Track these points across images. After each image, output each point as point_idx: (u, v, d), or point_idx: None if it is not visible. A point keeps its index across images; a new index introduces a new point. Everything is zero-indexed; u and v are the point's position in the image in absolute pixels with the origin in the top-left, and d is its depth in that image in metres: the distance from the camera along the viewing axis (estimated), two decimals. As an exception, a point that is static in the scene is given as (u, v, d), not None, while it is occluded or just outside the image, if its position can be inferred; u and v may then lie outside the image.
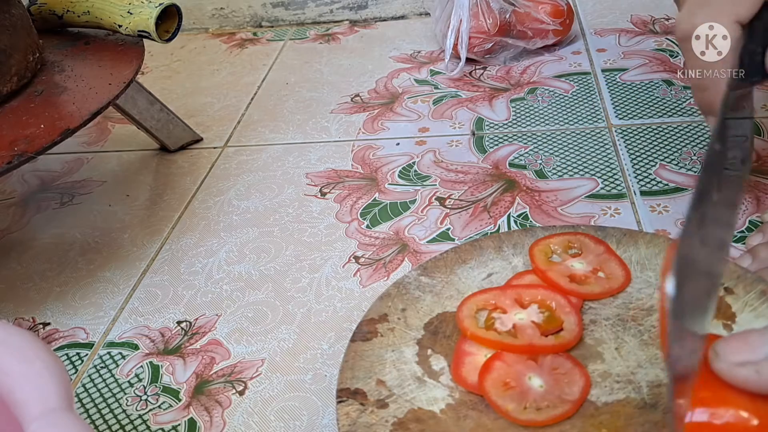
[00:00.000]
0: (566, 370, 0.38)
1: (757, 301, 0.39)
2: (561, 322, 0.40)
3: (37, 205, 0.70)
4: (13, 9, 0.57)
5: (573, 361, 0.38)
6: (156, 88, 0.73)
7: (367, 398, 0.37)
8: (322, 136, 0.74)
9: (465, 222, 0.58)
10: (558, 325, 0.40)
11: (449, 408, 0.37)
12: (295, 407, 0.44)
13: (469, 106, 0.75)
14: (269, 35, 1.02)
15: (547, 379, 0.37)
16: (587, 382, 0.37)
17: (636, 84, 0.74)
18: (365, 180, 0.65)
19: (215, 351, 0.49)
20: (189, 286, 0.56)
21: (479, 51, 0.81)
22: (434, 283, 0.45)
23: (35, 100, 0.57)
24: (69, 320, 0.54)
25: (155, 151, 0.76)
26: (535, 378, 0.37)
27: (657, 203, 0.57)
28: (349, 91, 0.83)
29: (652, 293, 0.42)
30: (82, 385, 0.48)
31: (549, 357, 0.38)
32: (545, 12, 0.80)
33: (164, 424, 0.45)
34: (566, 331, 0.39)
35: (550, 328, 0.40)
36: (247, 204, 0.65)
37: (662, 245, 0.45)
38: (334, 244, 0.58)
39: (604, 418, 0.35)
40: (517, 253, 0.47)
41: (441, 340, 0.41)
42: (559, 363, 0.38)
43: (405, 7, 1.01)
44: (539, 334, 0.39)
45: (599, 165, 0.62)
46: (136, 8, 0.62)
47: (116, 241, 0.62)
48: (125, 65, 0.61)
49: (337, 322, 0.50)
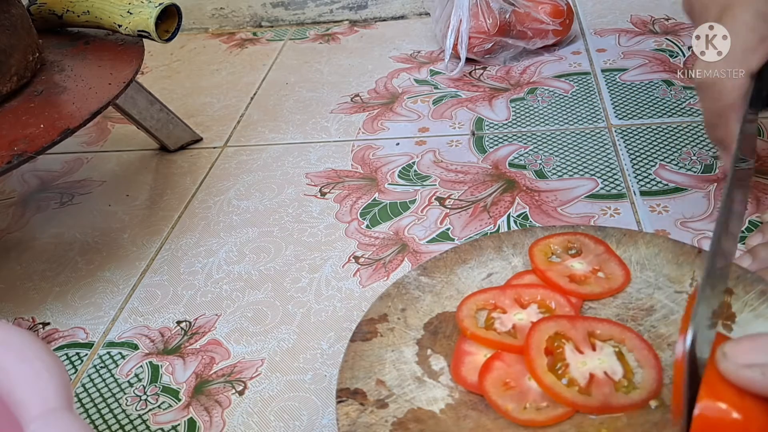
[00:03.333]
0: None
1: (757, 301, 0.39)
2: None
3: (36, 205, 0.70)
4: (12, 9, 0.57)
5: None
6: (156, 88, 0.73)
7: (367, 398, 0.37)
8: (321, 136, 0.74)
9: (465, 222, 0.58)
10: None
11: (449, 408, 0.37)
12: (294, 407, 0.44)
13: (469, 106, 0.75)
14: (269, 35, 1.02)
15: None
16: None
17: (636, 84, 0.74)
18: (365, 180, 0.65)
19: (215, 351, 0.49)
20: (189, 286, 0.56)
21: (479, 51, 0.81)
22: (434, 283, 0.45)
23: (35, 100, 0.57)
24: (69, 320, 0.54)
25: (155, 151, 0.76)
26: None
27: (657, 203, 0.57)
28: (349, 91, 0.83)
29: (651, 293, 0.42)
30: (81, 385, 0.48)
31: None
32: (545, 12, 0.80)
33: (164, 424, 0.45)
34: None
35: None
36: (246, 204, 0.65)
37: (662, 245, 0.45)
38: (333, 244, 0.58)
39: (604, 418, 0.35)
40: (516, 253, 0.47)
41: (441, 340, 0.41)
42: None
43: (405, 7, 1.01)
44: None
45: (599, 165, 0.62)
46: (136, 8, 0.62)
47: (116, 240, 0.62)
48: (125, 65, 0.61)
49: (336, 322, 0.50)
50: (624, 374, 0.36)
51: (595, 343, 0.38)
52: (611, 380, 0.36)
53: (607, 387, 0.36)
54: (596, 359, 0.37)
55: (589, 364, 0.37)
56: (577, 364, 0.37)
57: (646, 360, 0.37)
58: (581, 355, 0.37)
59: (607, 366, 0.37)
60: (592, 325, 0.39)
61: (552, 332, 0.38)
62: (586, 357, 0.37)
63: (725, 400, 0.27)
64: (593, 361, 0.37)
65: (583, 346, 0.38)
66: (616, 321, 0.40)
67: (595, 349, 0.38)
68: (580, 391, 0.35)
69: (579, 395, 0.35)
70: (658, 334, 0.39)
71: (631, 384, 0.36)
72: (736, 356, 0.27)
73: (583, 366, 0.37)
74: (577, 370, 0.36)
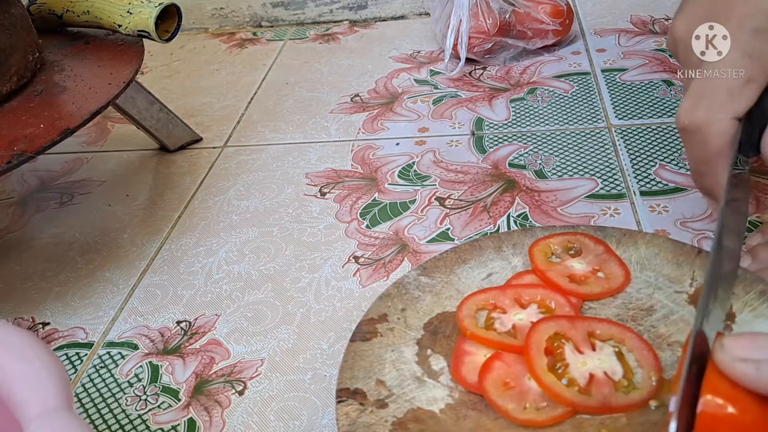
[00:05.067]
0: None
1: (757, 301, 0.39)
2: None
3: (36, 205, 0.70)
4: (12, 9, 0.57)
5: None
6: (156, 88, 0.73)
7: (367, 398, 0.37)
8: (321, 136, 0.74)
9: (465, 222, 0.58)
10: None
11: (449, 408, 0.37)
12: (294, 407, 0.44)
13: (469, 106, 0.75)
14: (269, 35, 1.02)
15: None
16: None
17: (636, 84, 0.74)
18: (365, 180, 0.65)
19: (215, 351, 0.49)
20: (188, 285, 0.56)
21: (479, 51, 0.81)
22: (434, 283, 0.45)
23: (35, 100, 0.57)
24: (68, 320, 0.54)
25: (155, 151, 0.76)
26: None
27: (657, 203, 0.57)
28: (349, 91, 0.83)
29: (651, 293, 0.42)
30: (81, 385, 0.48)
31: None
32: (545, 12, 0.80)
33: (164, 424, 0.45)
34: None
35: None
36: (246, 204, 0.65)
37: (662, 245, 0.45)
38: (333, 244, 0.58)
39: (604, 418, 0.35)
40: (516, 253, 0.47)
41: (441, 340, 0.41)
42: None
43: (405, 7, 1.01)
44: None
45: (599, 165, 0.62)
46: (136, 8, 0.62)
47: (116, 240, 0.62)
48: (125, 65, 0.61)
49: (336, 322, 0.50)
50: (624, 374, 0.36)
51: (595, 343, 0.38)
52: (611, 380, 0.36)
53: (607, 387, 0.36)
54: (596, 359, 0.37)
55: (589, 364, 0.37)
56: (577, 364, 0.37)
57: (646, 360, 0.37)
58: (581, 355, 0.37)
59: (607, 366, 0.37)
60: (591, 325, 0.39)
61: (552, 332, 0.38)
62: (585, 357, 0.37)
63: (722, 394, 0.27)
64: (593, 361, 0.37)
65: (582, 346, 0.38)
66: (615, 321, 0.40)
67: (595, 349, 0.38)
68: (579, 391, 0.35)
69: (579, 395, 0.35)
70: (657, 334, 0.39)
71: (631, 384, 0.36)
72: (733, 349, 0.27)
73: (583, 366, 0.37)
74: (577, 370, 0.36)
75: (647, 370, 0.36)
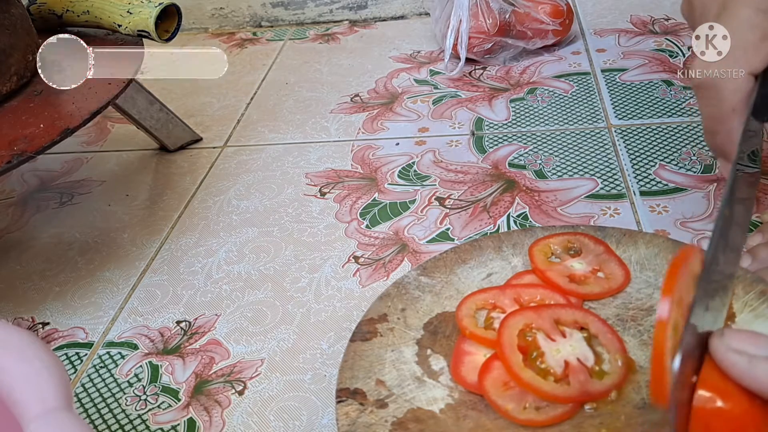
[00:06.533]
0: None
1: (757, 301, 0.39)
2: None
3: (36, 205, 0.70)
4: (12, 9, 0.57)
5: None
6: (156, 88, 0.73)
7: (367, 398, 0.37)
8: (321, 136, 0.74)
9: (464, 222, 0.58)
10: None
11: (449, 408, 0.37)
12: (294, 407, 0.44)
13: (469, 106, 0.75)
14: (269, 35, 1.02)
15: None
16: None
17: (636, 84, 0.74)
18: (365, 180, 0.65)
19: (215, 351, 0.49)
20: (188, 285, 0.56)
21: (479, 51, 0.81)
22: (434, 283, 0.45)
23: (35, 100, 0.57)
24: (68, 320, 0.54)
25: (155, 151, 0.76)
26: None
27: (656, 203, 0.57)
28: (349, 91, 0.83)
29: (651, 293, 0.42)
30: (81, 384, 0.48)
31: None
32: (545, 12, 0.80)
33: (163, 423, 0.45)
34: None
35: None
36: (246, 204, 0.65)
37: (662, 245, 0.45)
38: (333, 244, 0.58)
39: (604, 418, 0.35)
40: (516, 253, 0.47)
41: (440, 339, 0.41)
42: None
43: (405, 7, 1.01)
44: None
45: (599, 165, 0.62)
46: (136, 8, 0.62)
47: (115, 240, 0.62)
48: (125, 65, 0.61)
49: (336, 322, 0.50)
50: (595, 360, 0.37)
51: (564, 330, 0.39)
52: (585, 367, 0.37)
53: (582, 374, 0.36)
54: (568, 346, 0.38)
55: (562, 351, 0.37)
56: (552, 351, 0.37)
57: (611, 344, 0.38)
58: (554, 342, 0.38)
59: (579, 352, 0.37)
60: (555, 311, 0.40)
61: (521, 325, 0.39)
62: (558, 344, 0.38)
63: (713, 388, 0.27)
64: (566, 347, 0.38)
65: (553, 334, 0.38)
66: (576, 305, 0.40)
67: (566, 336, 0.38)
68: (556, 380, 0.36)
69: (558, 387, 0.36)
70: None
71: (602, 370, 0.37)
72: (731, 340, 0.27)
73: (558, 354, 0.37)
74: (552, 357, 0.37)
75: (613, 354, 0.37)
